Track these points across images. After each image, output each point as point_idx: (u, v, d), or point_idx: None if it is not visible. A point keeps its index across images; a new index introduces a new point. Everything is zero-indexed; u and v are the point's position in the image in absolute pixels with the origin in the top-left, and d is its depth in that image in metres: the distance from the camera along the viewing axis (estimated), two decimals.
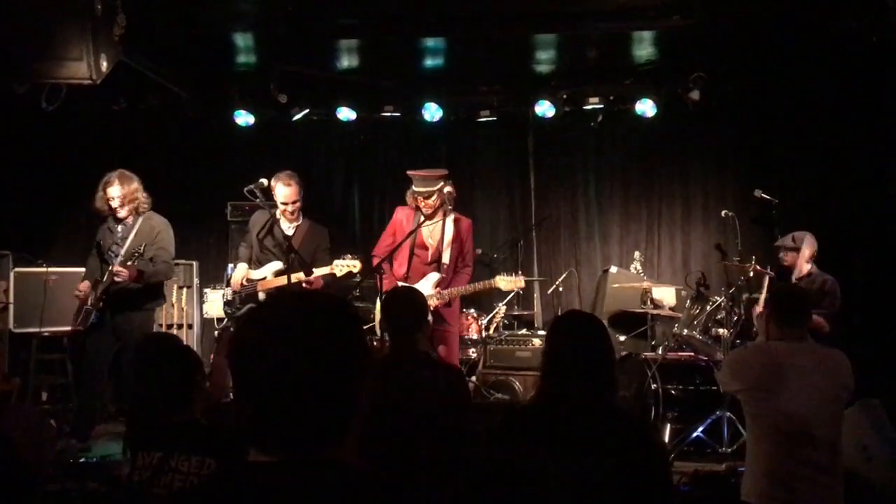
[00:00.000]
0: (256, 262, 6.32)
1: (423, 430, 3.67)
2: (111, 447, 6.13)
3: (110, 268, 6.02)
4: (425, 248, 6.26)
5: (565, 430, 2.74)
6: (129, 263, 6.01)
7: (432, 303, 6.04)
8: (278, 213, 6.25)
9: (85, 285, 6.16)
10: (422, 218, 6.16)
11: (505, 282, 6.27)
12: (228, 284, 6.47)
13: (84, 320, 6.11)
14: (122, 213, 6.15)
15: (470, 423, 3.85)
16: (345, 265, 6.09)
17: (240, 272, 6.32)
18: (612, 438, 2.73)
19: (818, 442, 3.57)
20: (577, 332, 2.92)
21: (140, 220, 6.22)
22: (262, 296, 6.20)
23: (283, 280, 5.95)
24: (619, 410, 2.90)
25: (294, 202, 6.20)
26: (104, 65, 5.11)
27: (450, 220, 6.29)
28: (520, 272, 6.62)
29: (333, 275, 6.14)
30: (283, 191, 6.16)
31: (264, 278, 6.22)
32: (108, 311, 6.08)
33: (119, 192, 6.09)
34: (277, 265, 6.18)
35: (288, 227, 6.25)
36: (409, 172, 6.37)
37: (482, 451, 3.33)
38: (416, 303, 3.90)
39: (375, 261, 6.17)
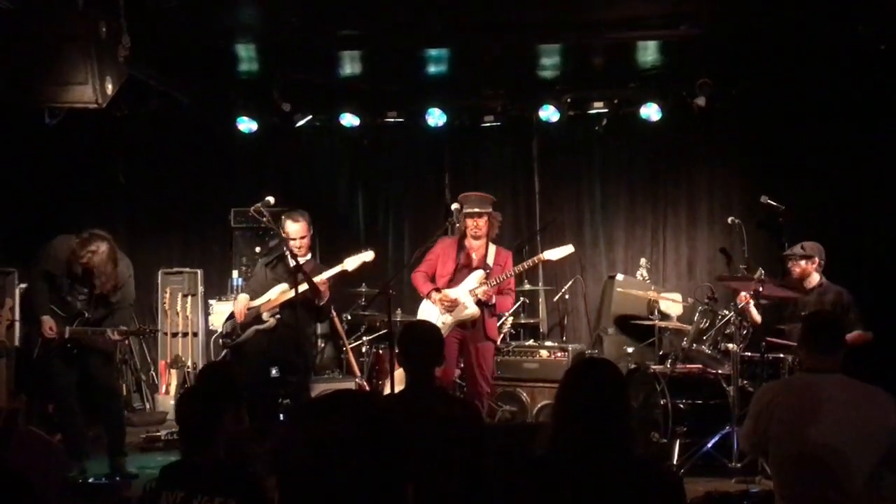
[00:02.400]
0: (261, 294, 6.38)
1: (437, 464, 3.67)
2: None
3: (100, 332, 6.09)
4: (469, 262, 6.44)
5: (583, 482, 2.72)
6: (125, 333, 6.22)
7: (480, 292, 6.23)
8: (286, 248, 6.30)
9: (52, 324, 6.07)
10: (465, 243, 6.40)
11: (554, 252, 6.50)
12: (231, 316, 6.49)
13: (47, 355, 6.13)
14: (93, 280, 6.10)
15: (485, 454, 3.86)
16: (357, 258, 6.28)
17: (241, 302, 6.37)
18: (631, 489, 2.71)
19: (842, 482, 3.33)
20: (595, 381, 2.87)
21: None
22: (265, 315, 6.20)
23: (289, 293, 5.97)
24: (636, 459, 2.88)
25: (302, 237, 6.33)
26: (109, 87, 5.07)
27: (492, 247, 6.51)
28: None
29: (346, 271, 6.25)
30: (293, 227, 6.33)
31: (268, 301, 6.25)
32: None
33: (90, 268, 6.01)
34: (282, 286, 6.20)
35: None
36: (461, 196, 6.56)
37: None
38: (432, 337, 3.89)
39: (418, 275, 6.45)
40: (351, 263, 6.25)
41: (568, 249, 6.58)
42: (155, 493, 3.26)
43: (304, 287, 5.82)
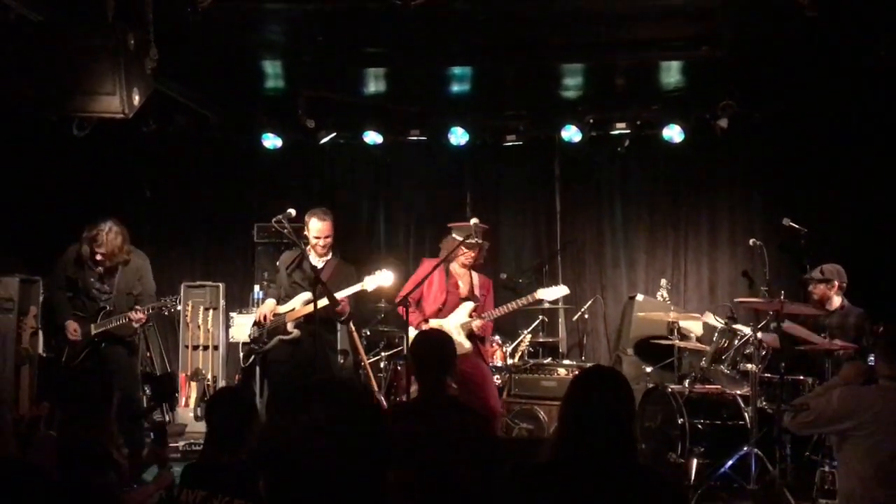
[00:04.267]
0: (285, 298, 6.38)
1: (450, 474, 3.67)
2: None
3: (122, 317, 6.25)
4: (457, 286, 6.40)
5: (586, 488, 2.71)
6: (147, 309, 6.33)
7: (474, 326, 6.21)
8: (308, 248, 6.30)
9: (75, 326, 6.26)
10: (451, 268, 6.36)
11: (546, 292, 6.41)
12: (256, 321, 6.49)
13: (76, 357, 6.26)
14: (101, 259, 6.29)
15: (497, 466, 3.85)
16: (375, 280, 6.19)
17: (267, 306, 6.37)
18: (634, 495, 2.70)
19: None
20: (600, 390, 2.86)
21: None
22: (290, 325, 6.23)
23: (310, 308, 5.97)
24: (639, 466, 2.87)
25: (326, 237, 6.29)
26: (136, 98, 5.16)
27: (475, 274, 6.49)
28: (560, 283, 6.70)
29: (365, 291, 6.22)
30: (317, 225, 6.26)
31: (292, 310, 6.26)
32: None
33: (104, 249, 6.25)
34: (306, 296, 6.21)
35: (317, 262, 6.26)
36: (455, 226, 6.48)
37: None
38: (444, 346, 3.91)
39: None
40: (370, 283, 6.22)
41: (562, 291, 6.53)
42: (177, 490, 3.31)
43: (323, 302, 5.84)
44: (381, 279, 6.24)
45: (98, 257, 6.26)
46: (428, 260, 6.49)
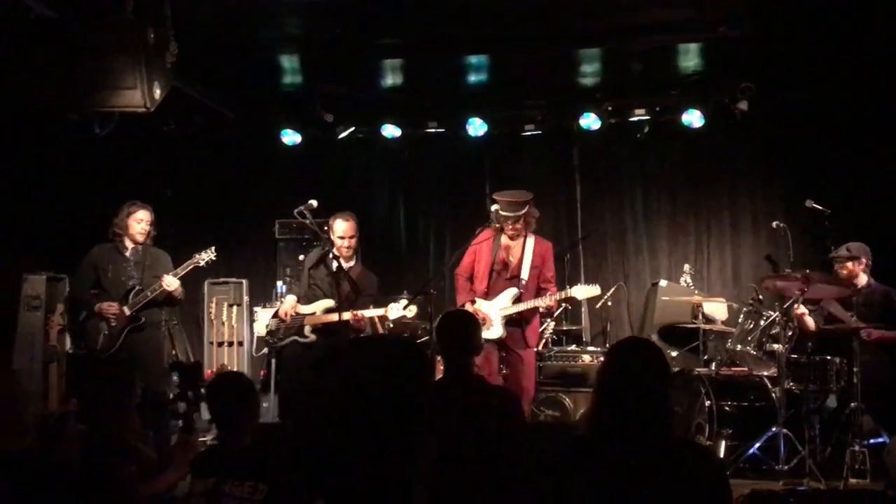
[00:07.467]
0: (304, 298, 6.43)
1: (477, 454, 3.67)
2: None
3: (157, 285, 6.28)
4: (506, 265, 6.35)
5: (623, 460, 2.70)
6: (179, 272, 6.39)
7: (510, 312, 6.17)
8: (334, 249, 6.31)
9: (109, 303, 6.25)
10: (502, 239, 6.31)
11: (581, 290, 6.33)
12: (277, 314, 6.54)
13: (112, 344, 6.26)
14: (141, 239, 6.38)
15: (525, 446, 3.84)
16: (399, 309, 6.21)
17: (289, 303, 6.43)
18: (671, 467, 2.68)
19: None
20: (636, 360, 2.85)
21: (149, 249, 6.53)
22: (307, 329, 6.27)
23: (332, 317, 6.02)
24: (676, 438, 2.85)
25: (351, 237, 6.32)
26: (157, 92, 5.21)
27: (531, 240, 6.39)
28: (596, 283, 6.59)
29: (385, 317, 6.24)
30: (342, 225, 6.31)
31: (313, 314, 6.29)
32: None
33: (148, 217, 6.42)
34: (328, 303, 6.25)
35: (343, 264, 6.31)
36: (495, 195, 6.45)
37: (536, 485, 3.31)
38: (469, 327, 3.91)
39: (459, 279, 6.39)
40: (393, 312, 6.23)
41: (594, 290, 6.41)
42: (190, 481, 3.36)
43: (347, 315, 5.88)
44: (404, 309, 6.23)
45: (141, 225, 6.38)
46: (486, 231, 6.36)
